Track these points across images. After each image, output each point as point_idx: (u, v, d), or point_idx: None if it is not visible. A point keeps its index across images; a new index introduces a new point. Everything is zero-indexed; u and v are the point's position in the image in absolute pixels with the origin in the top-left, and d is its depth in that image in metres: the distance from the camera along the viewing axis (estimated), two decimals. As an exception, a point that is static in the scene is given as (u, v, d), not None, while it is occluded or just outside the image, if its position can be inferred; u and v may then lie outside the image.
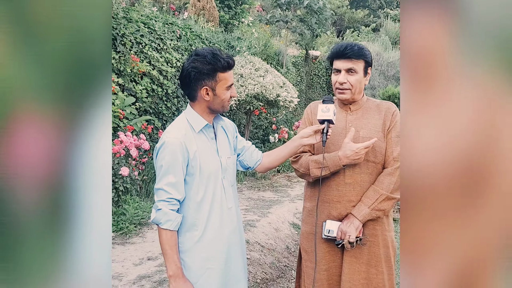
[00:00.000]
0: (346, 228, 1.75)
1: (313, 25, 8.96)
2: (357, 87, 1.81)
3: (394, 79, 12.07)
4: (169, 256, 1.54)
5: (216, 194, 1.63)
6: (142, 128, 4.95)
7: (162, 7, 8.85)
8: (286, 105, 5.83)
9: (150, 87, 5.51)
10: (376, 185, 1.78)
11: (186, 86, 1.60)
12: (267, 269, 3.40)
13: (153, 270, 2.87)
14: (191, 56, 1.57)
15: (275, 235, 4.05)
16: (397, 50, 13.51)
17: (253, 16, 10.81)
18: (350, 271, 1.79)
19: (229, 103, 1.67)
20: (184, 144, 1.56)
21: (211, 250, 1.61)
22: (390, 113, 1.85)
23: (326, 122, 1.72)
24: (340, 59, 1.80)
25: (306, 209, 1.94)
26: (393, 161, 1.79)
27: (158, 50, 5.82)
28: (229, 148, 1.75)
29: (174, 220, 1.55)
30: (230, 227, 1.68)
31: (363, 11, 20.43)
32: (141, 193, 4.52)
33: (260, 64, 5.97)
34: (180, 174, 1.56)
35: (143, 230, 3.78)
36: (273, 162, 1.86)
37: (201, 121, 1.63)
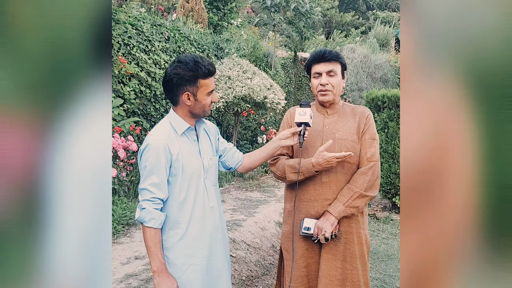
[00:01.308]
0: (322, 224, 1.85)
1: (301, 28, 9.07)
2: (338, 88, 1.95)
3: (382, 81, 12.26)
4: (153, 253, 1.62)
5: (198, 193, 1.71)
6: (130, 130, 4.99)
7: (150, 8, 8.88)
8: (274, 107, 5.93)
9: (138, 89, 5.55)
10: (350, 183, 1.89)
11: (169, 91, 1.68)
12: (253, 266, 3.49)
13: (140, 269, 2.93)
14: (173, 62, 1.65)
15: (261, 234, 4.14)
16: (385, 52, 13.71)
17: (242, 18, 10.89)
18: (327, 267, 1.88)
19: (210, 107, 1.76)
20: (167, 146, 1.64)
21: (193, 247, 1.69)
22: (364, 116, 1.97)
23: (303, 124, 1.83)
24: (320, 62, 1.93)
25: (287, 209, 2.03)
26: (367, 161, 1.91)
27: (146, 51, 5.86)
28: (211, 149, 1.83)
29: (157, 218, 1.62)
30: (212, 225, 1.76)
31: (352, 13, 20.66)
32: (129, 194, 4.56)
33: (248, 67, 6.06)
34: (163, 175, 1.64)
35: (131, 230, 3.84)
36: (254, 162, 1.95)
37: (183, 124, 1.71)
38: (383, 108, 5.16)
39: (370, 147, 1.92)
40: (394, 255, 4.00)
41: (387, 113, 5.07)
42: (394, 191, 5.21)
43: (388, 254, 4.02)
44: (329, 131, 1.94)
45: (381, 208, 5.65)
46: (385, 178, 5.17)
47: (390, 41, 16.22)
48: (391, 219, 5.19)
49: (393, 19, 19.55)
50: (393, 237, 4.59)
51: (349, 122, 1.97)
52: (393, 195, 5.27)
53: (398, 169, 5.06)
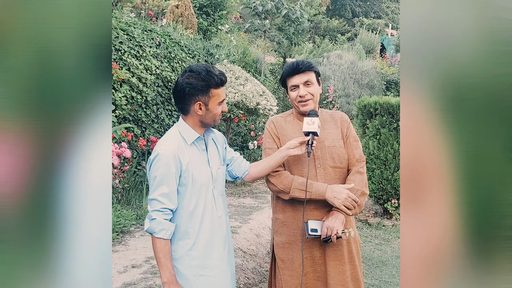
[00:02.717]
0: (332, 224, 1.84)
1: (291, 35, 9.15)
2: (316, 95, 2.00)
3: (368, 87, 12.43)
4: (163, 264, 1.60)
5: (207, 203, 1.70)
6: (122, 136, 4.93)
7: (140, 13, 8.82)
8: (266, 113, 5.95)
9: (129, 95, 5.50)
10: (349, 182, 1.93)
11: (180, 101, 1.67)
12: (250, 274, 3.47)
13: (138, 278, 2.89)
14: (185, 72, 1.65)
15: (256, 241, 4.13)
16: (371, 59, 13.93)
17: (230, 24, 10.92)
18: (337, 273, 1.89)
19: (220, 117, 1.76)
20: (177, 156, 1.63)
21: (203, 257, 1.68)
22: (344, 121, 2.06)
23: (311, 134, 1.84)
24: (295, 75, 1.97)
25: (279, 220, 2.01)
26: (357, 162, 2.00)
27: (137, 57, 5.81)
28: (219, 159, 1.83)
29: (167, 229, 1.61)
30: (221, 235, 1.75)
31: (338, 20, 20.95)
32: (122, 201, 4.50)
33: (240, 73, 6.07)
34: (173, 185, 1.62)
35: (126, 238, 3.78)
36: (261, 172, 1.95)
37: (193, 133, 1.70)
38: (375, 115, 5.23)
39: (356, 148, 2.02)
40: (388, 261, 4.05)
41: (379, 120, 5.14)
42: (386, 197, 5.27)
43: (382, 260, 4.07)
44: (317, 139, 1.93)
45: (372, 214, 5.71)
46: (377, 184, 5.23)
47: (375, 47, 16.50)
48: (383, 225, 5.25)
49: (378, 26, 19.91)
50: (386, 243, 4.64)
51: (332, 128, 2.03)
52: (385, 201, 5.33)
53: (389, 175, 5.13)
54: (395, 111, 5.07)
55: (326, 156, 1.94)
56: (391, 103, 5.07)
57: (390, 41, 17.63)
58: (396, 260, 4.08)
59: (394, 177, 5.10)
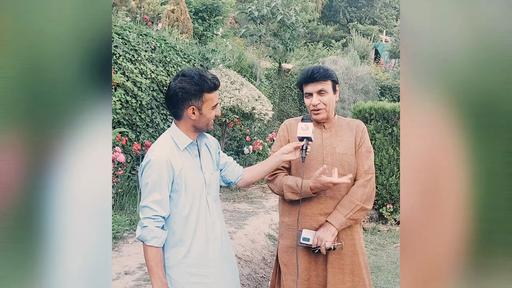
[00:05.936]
0: (323, 235, 1.84)
1: (286, 40, 9.17)
2: (330, 105, 1.95)
3: (363, 92, 12.48)
4: (154, 273, 1.57)
5: (201, 210, 1.67)
6: (116, 140, 4.89)
7: (136, 17, 8.80)
8: (261, 118, 5.94)
9: (124, 99, 5.46)
10: (350, 195, 1.90)
11: (173, 105, 1.65)
12: (245, 280, 3.43)
13: (131, 285, 2.84)
14: (178, 76, 1.62)
15: (251, 246, 4.10)
16: (366, 64, 13.99)
17: (225, 29, 10.93)
18: (336, 281, 1.88)
19: (213, 122, 1.73)
20: (169, 162, 1.60)
21: (197, 265, 1.65)
22: (360, 130, 2.01)
23: (305, 139, 1.82)
24: (310, 83, 1.93)
25: (285, 223, 2.01)
26: (364, 173, 1.95)
27: (133, 61, 5.78)
28: (212, 164, 1.80)
29: (159, 237, 1.58)
30: (215, 242, 1.72)
31: (333, 26, 21.06)
32: (116, 206, 4.45)
33: (235, 77, 6.06)
34: (165, 192, 1.59)
35: (118, 244, 3.73)
36: (254, 177, 1.93)
37: (185, 139, 1.68)
38: (370, 120, 5.24)
39: (367, 159, 1.97)
40: (383, 267, 4.03)
41: (374, 125, 5.15)
42: (381, 202, 5.27)
43: (378, 266, 4.04)
44: (328, 146, 1.95)
45: (368, 219, 5.70)
46: (372, 189, 5.23)
47: (369, 53, 16.58)
48: (378, 229, 5.24)
49: (372, 32, 20.03)
50: (381, 248, 4.62)
51: (346, 136, 1.99)
52: (380, 206, 5.32)
53: (385, 181, 5.13)
54: (390, 117, 5.08)
55: (336, 162, 1.92)
56: (386, 109, 5.08)
57: (384, 47, 17.75)
58: (391, 265, 4.06)
59: (389, 182, 5.10)
